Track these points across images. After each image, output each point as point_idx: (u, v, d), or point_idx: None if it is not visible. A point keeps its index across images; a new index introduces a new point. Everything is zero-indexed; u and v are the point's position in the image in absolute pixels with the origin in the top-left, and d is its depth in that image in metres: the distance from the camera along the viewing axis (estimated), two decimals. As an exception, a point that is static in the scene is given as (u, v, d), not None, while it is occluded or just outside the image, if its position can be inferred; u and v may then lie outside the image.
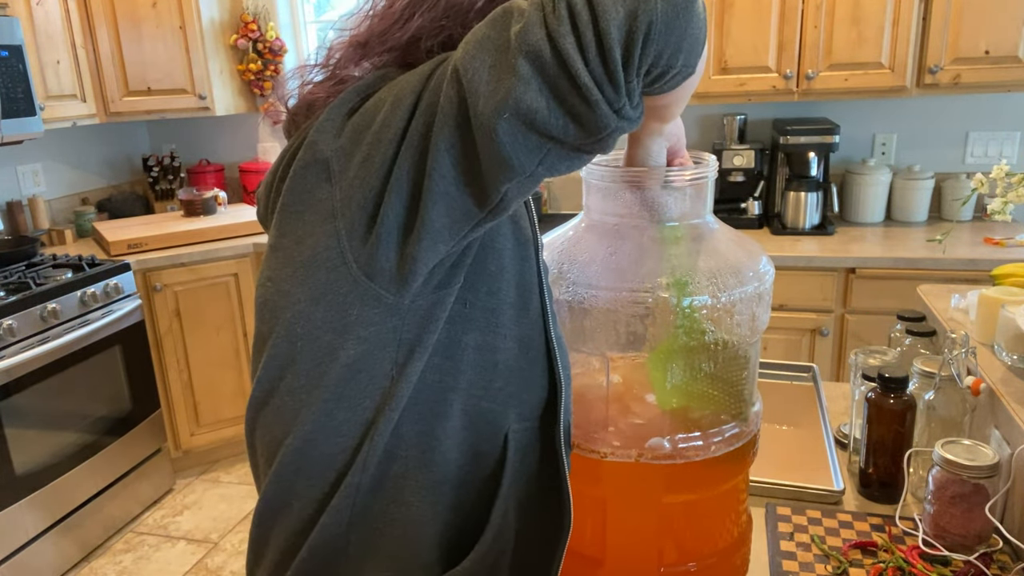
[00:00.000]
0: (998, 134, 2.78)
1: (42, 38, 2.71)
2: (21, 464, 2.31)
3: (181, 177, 3.58)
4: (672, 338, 0.79)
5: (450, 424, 0.73)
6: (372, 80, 0.70)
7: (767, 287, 0.82)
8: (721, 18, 2.61)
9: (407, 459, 0.72)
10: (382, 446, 0.71)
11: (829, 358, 2.52)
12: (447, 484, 0.74)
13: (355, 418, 0.71)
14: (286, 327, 0.72)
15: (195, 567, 2.53)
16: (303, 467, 0.73)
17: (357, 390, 0.71)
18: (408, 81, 0.65)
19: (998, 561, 0.96)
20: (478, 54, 0.58)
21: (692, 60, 0.59)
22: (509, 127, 0.57)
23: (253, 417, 0.78)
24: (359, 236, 0.66)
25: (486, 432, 0.76)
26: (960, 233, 2.59)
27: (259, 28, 3.31)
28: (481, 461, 0.76)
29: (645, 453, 0.81)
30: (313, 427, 0.72)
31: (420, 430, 0.72)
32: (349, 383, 0.70)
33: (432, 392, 0.72)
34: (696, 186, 0.80)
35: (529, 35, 0.55)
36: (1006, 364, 1.16)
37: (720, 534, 0.88)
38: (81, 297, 2.51)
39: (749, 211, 2.85)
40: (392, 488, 0.73)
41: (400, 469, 0.72)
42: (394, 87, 0.66)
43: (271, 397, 0.75)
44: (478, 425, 0.75)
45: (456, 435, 0.74)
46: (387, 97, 0.65)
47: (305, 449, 0.73)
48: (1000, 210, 1.45)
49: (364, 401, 0.71)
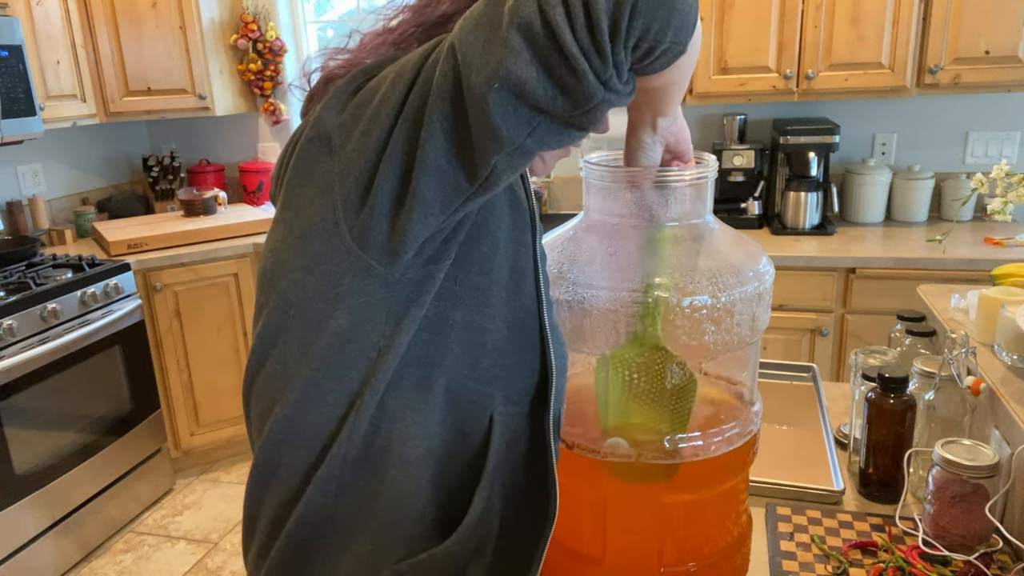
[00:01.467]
0: (998, 134, 2.78)
1: (42, 38, 2.71)
2: (21, 464, 2.31)
3: (181, 177, 3.58)
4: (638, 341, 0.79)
5: (434, 400, 0.74)
6: (382, 61, 0.72)
7: (767, 287, 0.82)
8: (721, 18, 2.61)
9: (391, 432, 0.73)
10: (367, 418, 0.72)
11: (829, 358, 2.52)
12: (430, 459, 0.75)
13: (341, 388, 0.72)
14: (281, 296, 0.74)
15: (195, 567, 2.53)
16: (290, 436, 0.75)
17: (345, 360, 0.72)
18: (410, 59, 0.66)
19: (998, 561, 0.96)
20: (473, 29, 0.60)
21: (681, 37, 0.60)
22: (499, 97, 0.58)
23: (248, 385, 0.80)
24: (353, 207, 0.68)
25: (471, 412, 0.76)
26: (960, 233, 2.59)
27: (259, 28, 3.31)
28: (465, 441, 0.77)
29: (645, 453, 0.81)
30: (300, 396, 0.74)
31: (404, 404, 0.73)
32: (337, 353, 0.72)
33: (418, 367, 0.73)
34: (696, 186, 0.80)
35: (522, 8, 0.57)
36: (1006, 364, 1.16)
37: (720, 534, 0.88)
38: (81, 297, 2.51)
39: (749, 211, 2.85)
40: (377, 461, 0.74)
41: (384, 442, 0.73)
42: (397, 65, 0.68)
43: (263, 365, 0.77)
44: (463, 404, 0.76)
45: (440, 412, 0.75)
46: (389, 74, 0.67)
47: (293, 417, 0.74)
48: (1000, 210, 1.45)
49: (351, 372, 0.72)
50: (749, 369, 0.89)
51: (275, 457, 0.76)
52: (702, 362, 0.87)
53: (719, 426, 0.83)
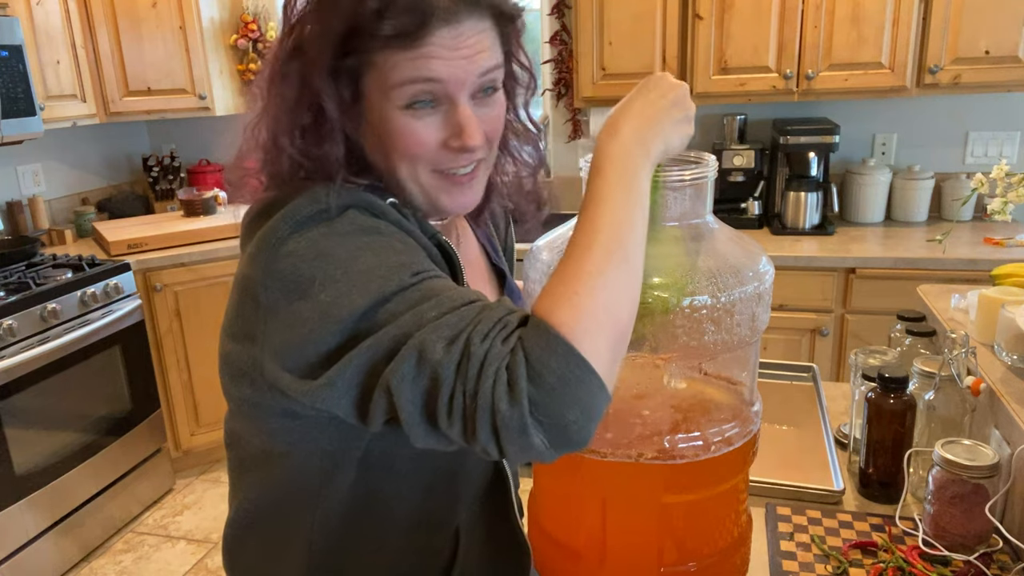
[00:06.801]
0: (998, 134, 2.78)
1: (42, 38, 2.71)
2: (21, 464, 2.31)
3: (181, 177, 3.57)
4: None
5: (397, 527, 0.79)
6: (303, 215, 0.70)
7: (767, 287, 0.82)
8: (721, 18, 2.61)
9: (352, 560, 0.80)
10: (325, 548, 0.78)
11: (829, 358, 2.52)
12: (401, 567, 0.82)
13: (295, 503, 0.80)
14: (229, 419, 0.85)
15: (195, 567, 2.53)
16: (256, 525, 0.83)
17: (292, 481, 0.79)
18: (345, 294, 0.66)
19: (998, 561, 0.96)
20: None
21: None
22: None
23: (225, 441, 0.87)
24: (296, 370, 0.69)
25: (436, 529, 0.82)
26: (960, 233, 2.59)
27: (259, 28, 3.31)
28: (434, 554, 0.83)
29: (645, 453, 0.81)
30: (260, 501, 0.81)
31: (365, 534, 0.79)
32: (285, 473, 0.78)
33: (374, 501, 0.78)
34: (696, 186, 0.80)
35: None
36: (1006, 364, 1.16)
37: (720, 534, 0.88)
38: (81, 297, 2.51)
39: (749, 211, 2.85)
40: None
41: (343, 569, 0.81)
42: (331, 276, 0.67)
43: (233, 423, 0.85)
44: (425, 526, 0.81)
45: (403, 538, 0.80)
46: (319, 292, 0.67)
47: (256, 509, 0.82)
48: (1000, 210, 1.45)
49: (300, 495, 0.78)
50: (749, 369, 0.89)
51: (241, 537, 0.84)
52: (702, 362, 0.86)
53: (719, 426, 0.83)
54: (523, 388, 0.58)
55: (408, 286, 0.65)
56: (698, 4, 2.61)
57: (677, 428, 0.82)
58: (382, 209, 0.72)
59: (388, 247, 0.68)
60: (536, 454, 0.60)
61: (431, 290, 0.65)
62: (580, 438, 0.61)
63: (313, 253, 0.67)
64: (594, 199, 0.66)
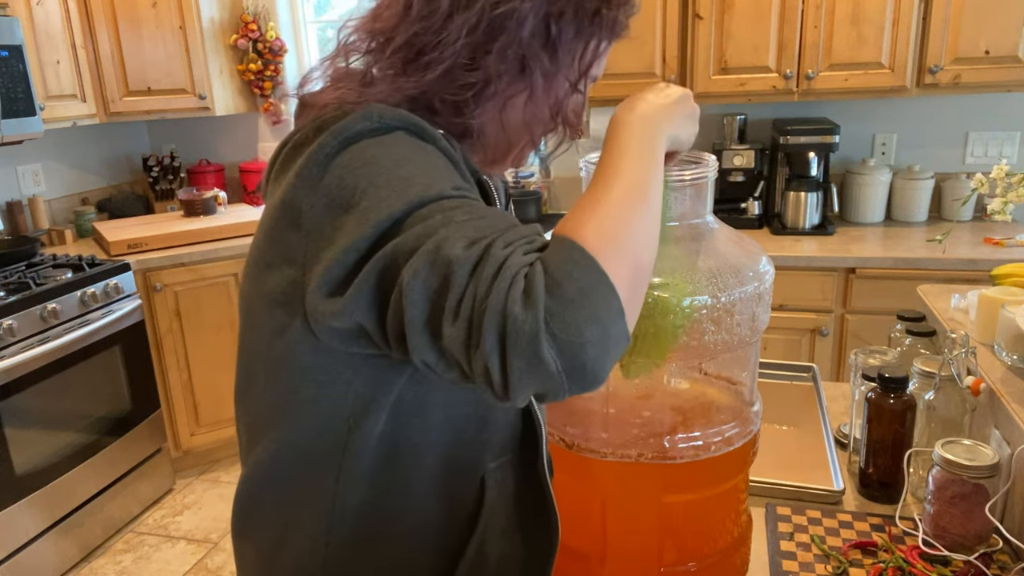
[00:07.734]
0: (998, 134, 2.78)
1: (42, 38, 2.71)
2: (21, 464, 2.31)
3: (181, 177, 3.57)
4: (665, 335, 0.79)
5: (424, 474, 0.76)
6: (354, 130, 0.68)
7: (767, 287, 0.82)
8: (721, 18, 2.61)
9: (382, 509, 0.76)
10: (356, 493, 0.75)
11: (829, 358, 2.52)
12: (427, 530, 0.78)
13: (318, 454, 0.75)
14: (250, 352, 0.78)
15: (195, 567, 2.53)
16: (272, 480, 0.78)
17: (317, 428, 0.74)
18: (384, 198, 0.63)
19: (998, 561, 0.96)
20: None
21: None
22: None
23: (237, 400, 0.82)
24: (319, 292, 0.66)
25: (461, 478, 0.79)
26: (960, 233, 2.59)
27: (259, 28, 3.31)
28: (459, 505, 0.79)
29: (645, 453, 0.81)
30: (275, 454, 0.76)
31: (395, 481, 0.76)
32: (308, 419, 0.74)
33: (404, 446, 0.75)
34: (696, 186, 0.80)
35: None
36: (1006, 364, 1.16)
37: (720, 534, 0.88)
38: (81, 297, 2.51)
39: (749, 211, 2.85)
40: (370, 535, 0.77)
41: (374, 520, 0.77)
42: (373, 183, 0.64)
43: (247, 394, 0.79)
44: (452, 473, 0.78)
45: (429, 484, 0.77)
46: (360, 200, 0.64)
47: (275, 460, 0.77)
48: (1000, 210, 1.45)
49: (325, 440, 0.74)
50: (749, 369, 0.89)
51: (257, 494, 0.79)
52: (702, 362, 0.87)
53: (719, 426, 0.83)
54: (540, 295, 0.54)
55: (447, 196, 0.63)
56: (698, 4, 2.61)
57: (677, 428, 0.82)
58: (433, 136, 0.70)
59: (434, 164, 0.67)
60: (544, 377, 0.55)
61: (467, 203, 0.63)
62: (595, 367, 0.55)
63: (360, 162, 0.65)
64: (613, 154, 0.65)
